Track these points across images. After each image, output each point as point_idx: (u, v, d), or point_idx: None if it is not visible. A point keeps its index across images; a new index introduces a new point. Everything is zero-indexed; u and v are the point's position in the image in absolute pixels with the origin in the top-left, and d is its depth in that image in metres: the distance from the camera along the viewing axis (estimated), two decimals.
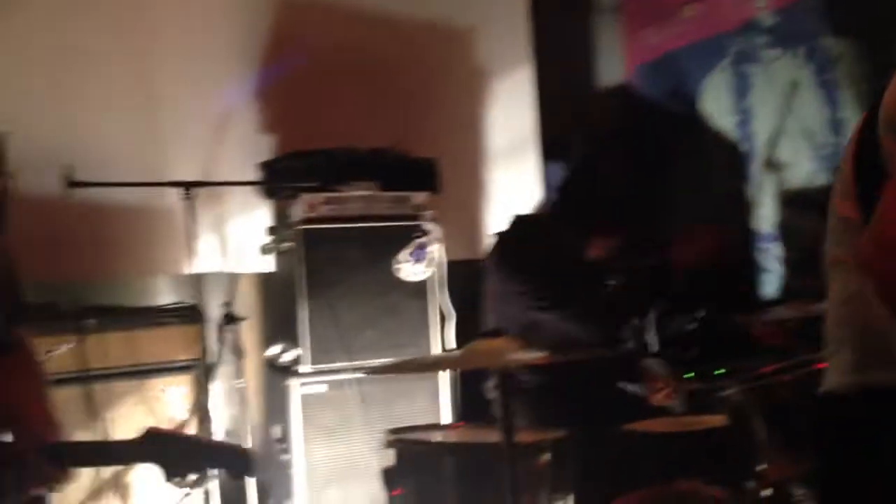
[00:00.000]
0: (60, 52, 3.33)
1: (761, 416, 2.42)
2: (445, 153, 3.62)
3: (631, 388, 2.95)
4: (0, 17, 3.24)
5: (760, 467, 2.39)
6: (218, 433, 3.13)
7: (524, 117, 4.15)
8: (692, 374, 2.95)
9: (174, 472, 1.69)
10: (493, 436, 2.53)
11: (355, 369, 3.26)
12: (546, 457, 2.42)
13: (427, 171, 3.50)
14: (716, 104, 4.00)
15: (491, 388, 2.93)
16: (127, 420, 3.03)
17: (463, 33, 4.08)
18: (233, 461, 1.76)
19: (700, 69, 4.05)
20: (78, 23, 3.39)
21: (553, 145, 4.01)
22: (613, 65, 4.37)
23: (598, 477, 2.51)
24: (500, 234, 3.16)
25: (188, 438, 1.77)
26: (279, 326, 3.55)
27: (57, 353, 2.94)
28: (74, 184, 2.79)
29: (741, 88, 3.90)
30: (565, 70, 4.26)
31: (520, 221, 3.15)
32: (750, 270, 3.78)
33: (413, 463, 2.48)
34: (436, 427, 3.04)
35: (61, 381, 2.93)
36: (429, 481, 2.45)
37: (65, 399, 2.92)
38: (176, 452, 1.70)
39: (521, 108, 4.14)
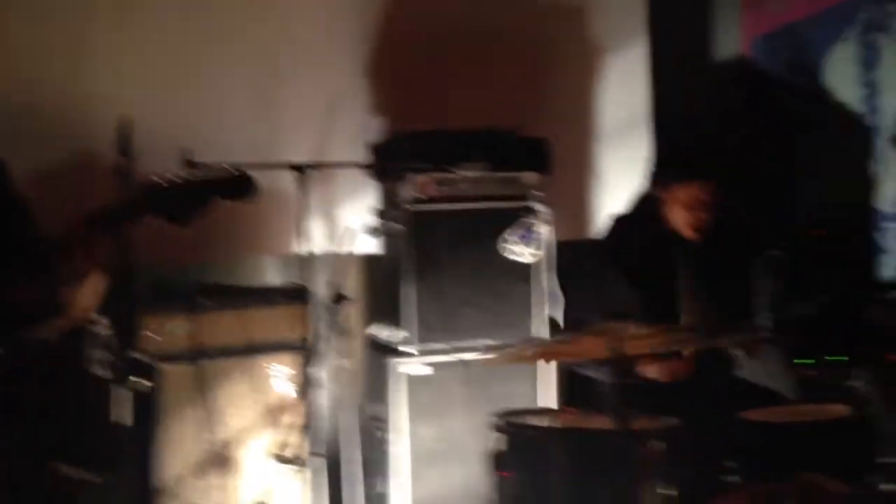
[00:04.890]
0: (179, 38, 3.42)
1: (888, 406, 2.28)
2: (556, 132, 3.55)
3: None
4: (122, 5, 3.35)
5: (886, 461, 2.25)
6: (322, 411, 3.17)
7: (637, 95, 4.02)
8: (811, 362, 2.81)
9: (178, 215, 1.73)
10: (603, 422, 2.48)
11: (459, 350, 3.26)
12: (659, 445, 2.35)
13: (538, 151, 3.44)
14: (840, 77, 3.78)
15: (603, 375, 2.86)
16: (237, 397, 3.11)
17: (576, 9, 3.97)
18: (231, 187, 1.79)
19: (824, 40, 3.84)
20: (197, 8, 3.46)
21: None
22: (731, 37, 4.18)
23: (713, 467, 2.42)
24: (618, 217, 3.07)
25: (181, 181, 1.76)
26: (383, 306, 3.57)
27: (173, 330, 3.03)
28: (193, 165, 2.84)
29: (869, 60, 3.67)
30: (681, 45, 4.10)
31: (639, 203, 3.05)
32: (869, 252, 3.58)
33: (523, 448, 2.45)
34: (545, 412, 3.00)
35: (175, 359, 3.03)
36: (539, 467, 2.41)
37: (178, 375, 3.03)
38: (173, 196, 1.73)
39: (634, 86, 4.01)
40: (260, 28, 3.56)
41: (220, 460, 3.04)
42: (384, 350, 3.37)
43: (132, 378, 2.64)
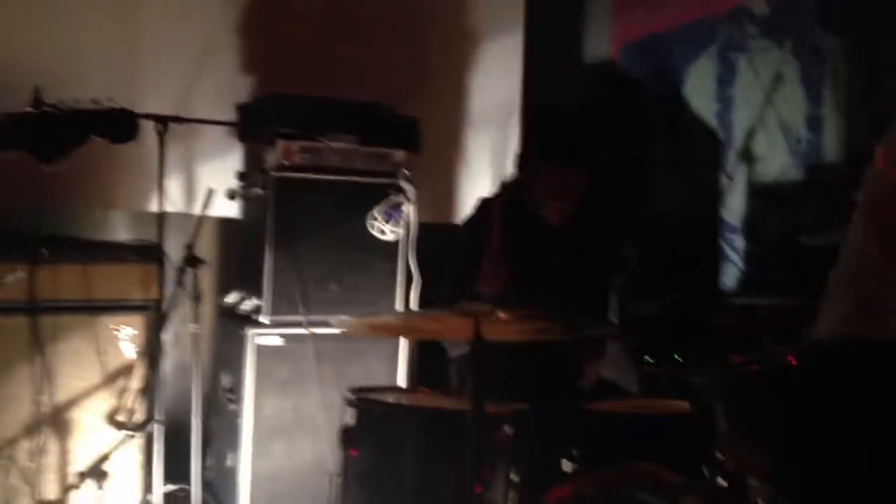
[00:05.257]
0: None
1: (723, 404, 2.42)
2: (428, 113, 3.55)
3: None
4: None
5: (718, 456, 2.39)
6: (165, 377, 3.04)
7: (511, 84, 4.08)
8: (651, 360, 2.94)
9: (48, 151, 1.54)
10: (455, 403, 2.51)
11: (314, 323, 3.21)
12: (508, 429, 2.40)
13: (408, 130, 3.43)
14: (699, 90, 3.98)
15: (456, 357, 2.89)
16: (73, 356, 2.93)
17: None
18: (113, 126, 1.62)
19: (687, 53, 4.03)
20: None
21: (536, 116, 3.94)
22: (601, 40, 4.33)
23: (555, 453, 2.50)
24: (484, 198, 3.10)
25: (61, 113, 1.58)
26: (239, 274, 3.48)
27: (8, 280, 2.81)
28: (42, 105, 2.63)
29: (726, 76, 3.89)
30: (555, 40, 4.19)
31: (505, 186, 3.08)
32: (714, 260, 3.80)
33: (374, 425, 2.44)
34: (397, 390, 3.00)
35: (7, 311, 2.82)
36: (388, 444, 2.41)
37: (10, 329, 2.82)
38: (47, 130, 1.54)
39: (508, 75, 4.07)
40: None
41: (53, 422, 2.87)
42: (237, 318, 3.28)
43: None
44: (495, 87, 4.05)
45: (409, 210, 3.33)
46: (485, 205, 3.04)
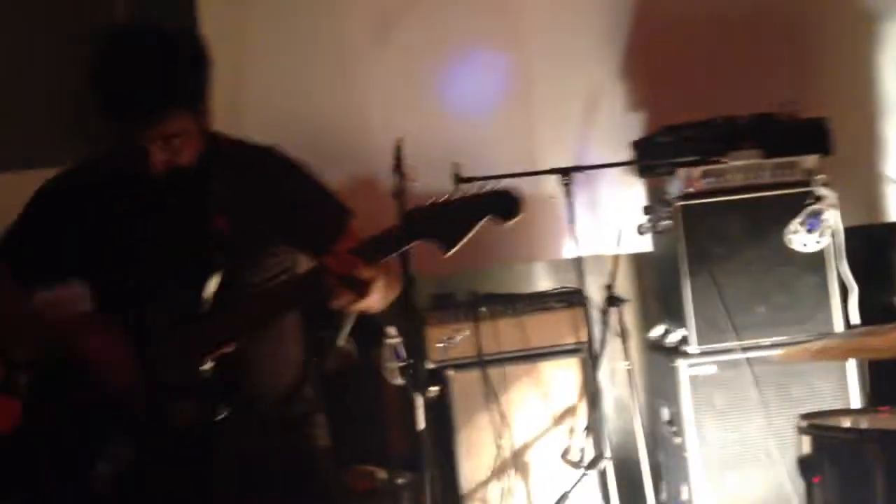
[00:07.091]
0: (434, 60, 3.56)
1: None
2: (835, 110, 3.30)
3: None
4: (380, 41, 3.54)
5: None
6: (606, 413, 3.14)
7: None
8: None
9: (446, 239, 1.69)
10: None
11: (747, 348, 3.10)
12: None
13: (816, 132, 3.22)
14: None
15: None
16: (521, 402, 3.17)
17: None
18: (497, 206, 1.71)
19: None
20: (446, 29, 3.58)
21: None
22: None
23: None
24: None
25: (445, 204, 1.71)
26: (660, 306, 3.50)
27: (457, 339, 3.15)
28: (462, 179, 2.93)
29: None
30: None
31: None
32: None
33: (835, 453, 2.29)
34: (853, 412, 2.79)
35: (461, 366, 3.15)
36: (855, 473, 2.24)
37: (465, 382, 3.15)
38: (438, 221, 1.68)
39: None
40: (512, 39, 3.62)
41: (515, 464, 3.12)
42: (665, 351, 3.29)
43: (426, 386, 2.76)
44: None
45: (831, 216, 3.10)
46: None
